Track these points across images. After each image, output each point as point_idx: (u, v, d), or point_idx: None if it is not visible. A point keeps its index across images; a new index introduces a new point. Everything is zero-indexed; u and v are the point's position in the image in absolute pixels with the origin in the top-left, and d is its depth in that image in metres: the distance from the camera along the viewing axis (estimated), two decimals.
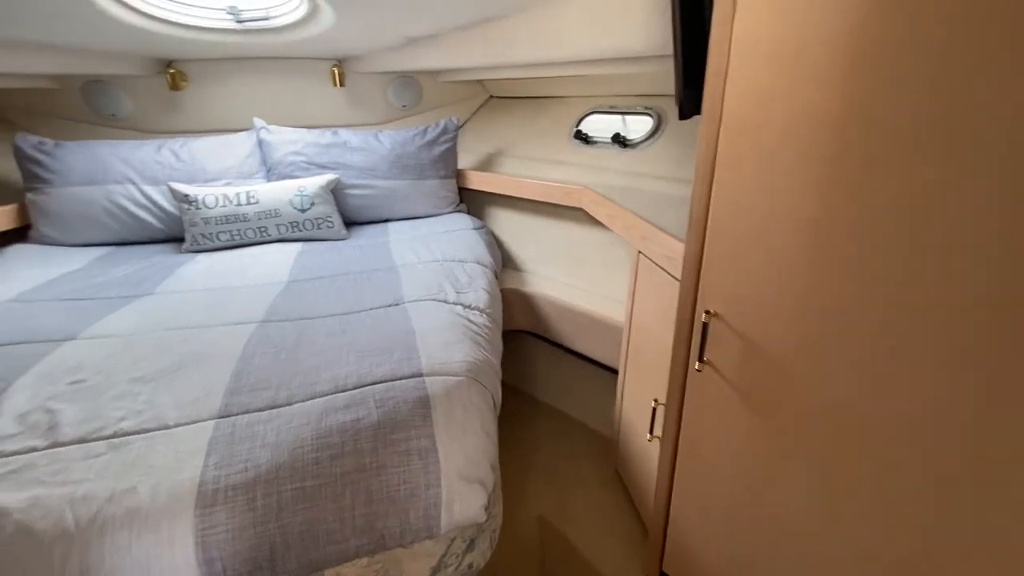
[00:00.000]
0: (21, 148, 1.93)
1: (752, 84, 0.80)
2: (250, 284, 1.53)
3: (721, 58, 0.84)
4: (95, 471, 0.78)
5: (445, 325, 1.19)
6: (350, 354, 1.05)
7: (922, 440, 0.70)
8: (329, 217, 2.00)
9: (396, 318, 1.23)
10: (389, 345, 1.08)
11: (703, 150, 0.90)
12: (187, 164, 2.03)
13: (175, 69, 2.21)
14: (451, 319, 1.23)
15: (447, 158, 2.25)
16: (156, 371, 1.00)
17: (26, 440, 0.83)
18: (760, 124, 0.79)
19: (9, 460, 0.80)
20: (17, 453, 0.81)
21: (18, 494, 0.74)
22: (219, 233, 1.89)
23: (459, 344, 1.10)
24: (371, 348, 1.07)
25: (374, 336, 1.13)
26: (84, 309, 1.33)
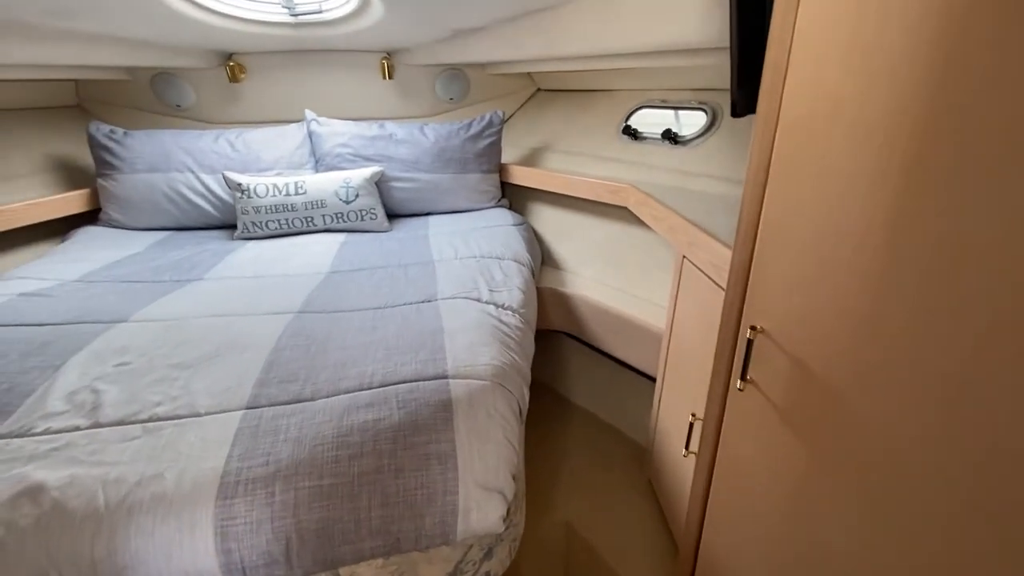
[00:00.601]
0: (94, 136, 2.04)
1: (817, 81, 0.72)
2: (293, 273, 1.56)
3: (781, 51, 0.76)
4: (128, 454, 0.80)
5: (474, 325, 1.16)
6: (378, 351, 1.04)
7: (997, 490, 0.61)
8: (373, 209, 2.02)
9: (427, 315, 1.21)
10: (417, 343, 1.07)
11: (757, 152, 0.83)
12: (242, 154, 2.09)
13: (235, 62, 2.28)
14: (481, 319, 1.20)
15: (491, 152, 2.22)
16: (195, 358, 1.03)
17: (71, 419, 0.87)
18: (824, 126, 0.71)
19: (54, 438, 0.83)
20: (62, 431, 0.85)
21: (58, 472, 0.76)
22: (268, 221, 1.94)
23: (487, 346, 1.07)
24: (399, 346, 1.06)
25: (403, 333, 1.11)
26: (138, 292, 1.39)
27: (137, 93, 2.38)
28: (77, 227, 2.03)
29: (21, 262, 1.83)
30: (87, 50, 1.90)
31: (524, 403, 1.06)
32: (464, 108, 2.57)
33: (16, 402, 0.90)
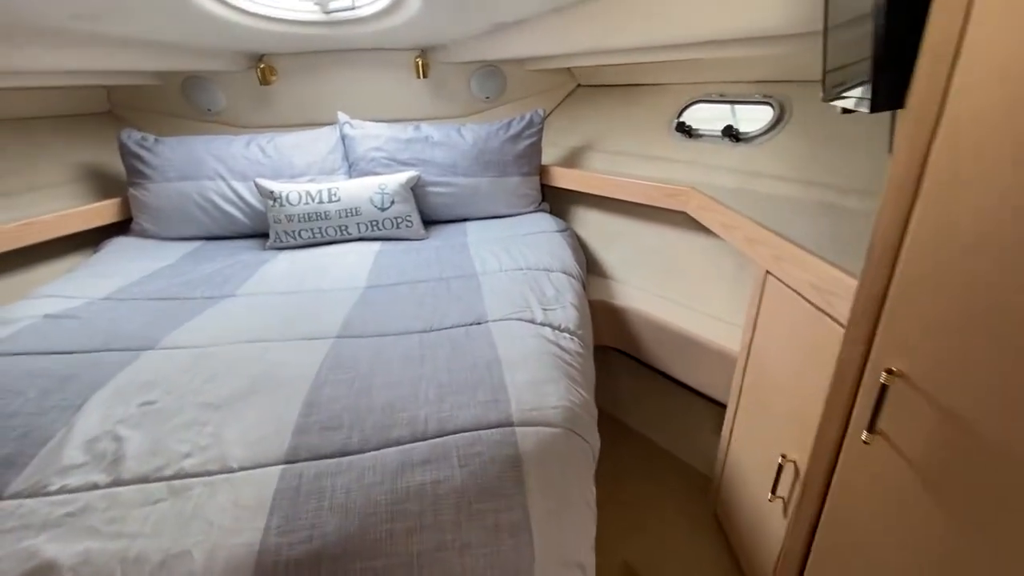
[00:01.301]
0: (125, 143, 1.96)
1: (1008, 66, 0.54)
2: (328, 288, 1.44)
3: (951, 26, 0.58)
4: (151, 524, 0.68)
5: (534, 354, 1.02)
6: (429, 388, 0.91)
7: None
8: (408, 216, 1.89)
9: (479, 342, 1.07)
10: (472, 379, 0.93)
11: (904, 159, 0.65)
12: (273, 160, 1.98)
13: (265, 64, 2.17)
14: (540, 346, 1.06)
15: (531, 153, 2.07)
16: (226, 396, 0.91)
17: (90, 474, 0.75)
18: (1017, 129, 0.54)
19: (71, 499, 0.72)
20: (79, 490, 0.73)
21: (72, 546, 0.65)
22: (301, 231, 1.82)
23: (552, 383, 0.93)
24: (452, 382, 0.92)
25: (455, 365, 0.97)
26: (168, 311, 1.29)
27: (168, 98, 2.29)
28: (109, 237, 1.95)
29: (53, 275, 1.75)
30: (116, 54, 1.81)
31: (597, 450, 0.91)
32: (500, 107, 2.42)
33: (31, 451, 0.79)
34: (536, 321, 1.18)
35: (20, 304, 1.33)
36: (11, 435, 0.82)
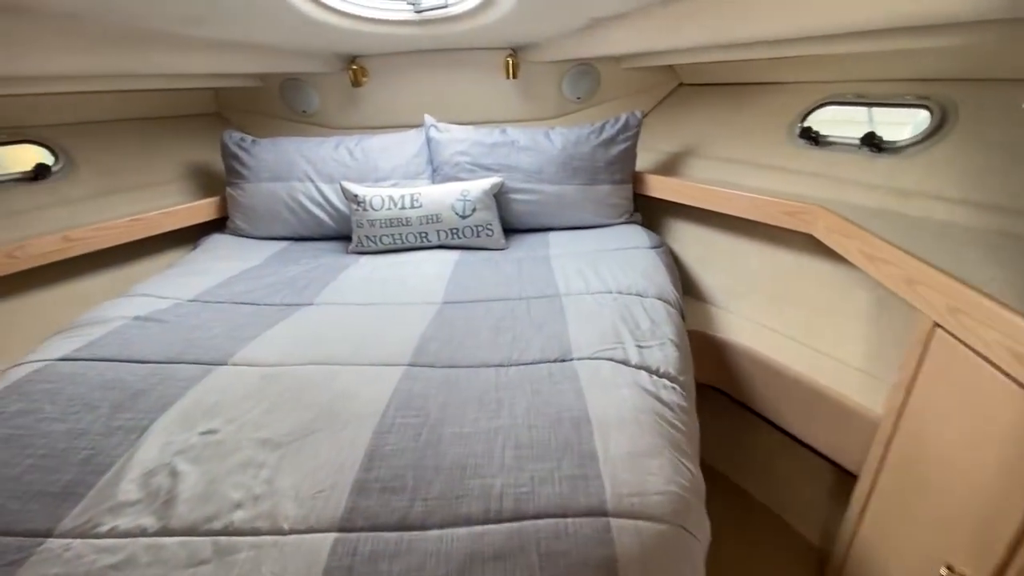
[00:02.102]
0: (226, 144, 1.99)
1: None
2: (405, 302, 1.34)
3: None
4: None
5: (630, 411, 0.84)
6: (506, 447, 0.76)
7: None
8: (489, 225, 1.76)
9: (564, 387, 0.91)
10: (557, 441, 0.77)
11: None
12: (360, 162, 1.93)
13: (357, 65, 2.13)
14: (637, 399, 0.87)
15: (625, 159, 1.87)
16: (287, 432, 0.82)
17: (140, 516, 0.69)
18: None
19: (116, 545, 0.65)
20: (127, 535, 0.66)
21: None
22: (382, 236, 1.75)
23: (655, 455, 0.75)
24: (533, 442, 0.77)
25: (537, 419, 0.82)
26: (247, 319, 1.24)
27: (269, 100, 2.32)
28: (208, 233, 2.00)
29: (156, 268, 1.81)
30: (222, 58, 1.83)
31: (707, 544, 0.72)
32: (592, 108, 2.22)
33: (91, 480, 0.74)
34: (630, 363, 1.00)
35: (118, 302, 1.35)
36: (75, 458, 0.78)
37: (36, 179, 1.71)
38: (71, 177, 1.79)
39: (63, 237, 1.59)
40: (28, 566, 0.62)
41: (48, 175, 1.73)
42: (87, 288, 1.71)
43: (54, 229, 1.62)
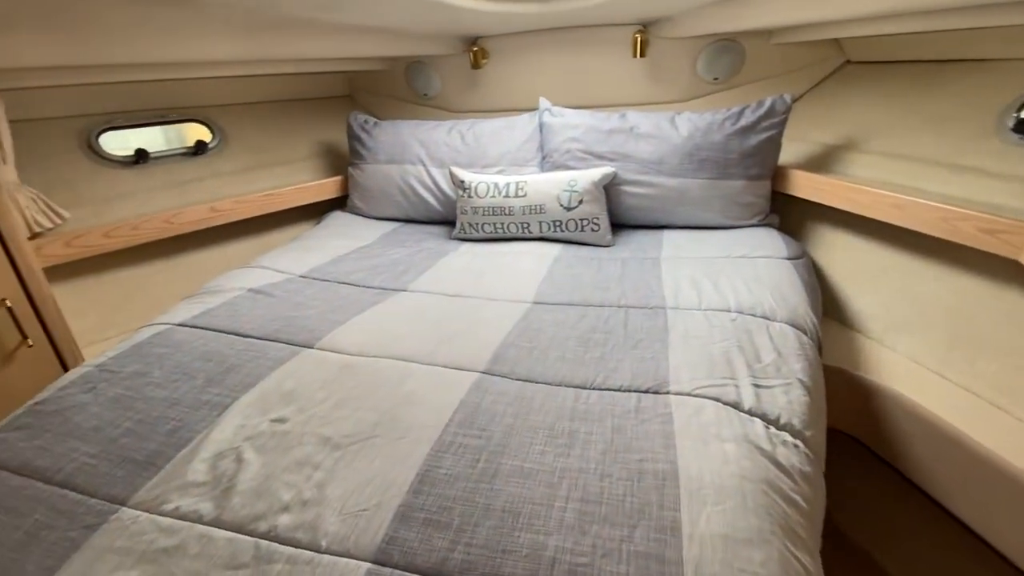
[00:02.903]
0: (352, 125, 2.06)
1: None
2: (495, 298, 1.25)
3: None
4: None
5: (733, 476, 0.66)
6: (570, 498, 0.64)
7: None
8: (596, 219, 1.60)
9: (652, 429, 0.76)
10: (633, 503, 0.63)
11: None
12: (470, 147, 1.88)
13: (479, 47, 2.06)
14: (745, 461, 0.69)
15: (766, 151, 1.58)
16: (347, 433, 0.78)
17: (201, 501, 0.69)
18: None
19: (174, 527, 0.66)
20: (186, 517, 0.67)
21: None
22: (484, 224, 1.69)
23: (759, 546, 0.57)
24: (603, 497, 0.64)
25: (613, 468, 0.68)
26: (344, 300, 1.25)
27: (395, 83, 2.37)
28: (332, 210, 2.11)
29: (283, 240, 1.94)
30: (354, 42, 1.88)
31: None
32: (730, 90, 1.92)
33: (169, 454, 0.77)
34: (743, 407, 0.81)
35: (240, 273, 1.44)
36: (164, 428, 0.81)
37: (196, 154, 1.91)
38: (224, 153, 1.98)
39: (210, 208, 1.76)
40: (100, 533, 0.65)
41: (206, 150, 1.93)
42: (227, 254, 1.89)
43: (205, 199, 1.81)
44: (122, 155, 1.73)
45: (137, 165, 1.75)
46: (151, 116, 1.84)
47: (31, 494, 0.71)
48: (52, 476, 0.74)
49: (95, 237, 1.49)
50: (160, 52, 1.47)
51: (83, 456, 0.77)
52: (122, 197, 1.67)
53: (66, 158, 1.61)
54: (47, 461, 0.76)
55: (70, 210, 1.50)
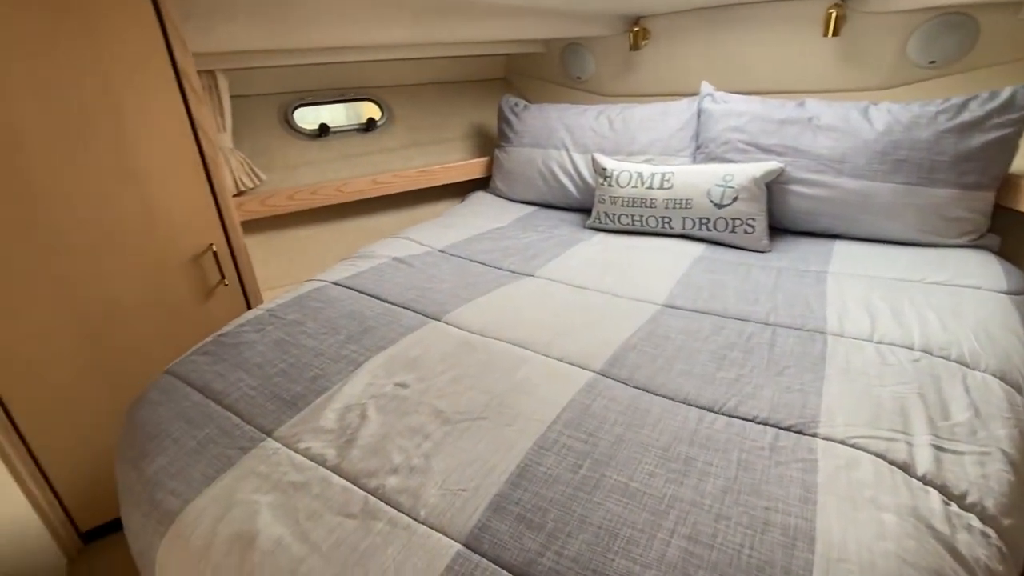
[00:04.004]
0: (502, 108, 2.11)
1: None
2: (622, 295, 1.19)
3: None
4: (331, 542, 0.61)
5: (889, 559, 0.53)
6: (676, 533, 0.57)
7: None
8: (751, 219, 1.42)
9: (789, 474, 0.64)
10: (752, 554, 0.54)
11: None
12: (618, 134, 1.79)
13: (640, 27, 1.95)
14: (908, 540, 0.55)
15: (992, 155, 1.25)
16: (459, 410, 0.80)
17: (327, 447, 0.76)
18: None
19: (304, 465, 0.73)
20: (314, 459, 0.74)
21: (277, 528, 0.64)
22: (622, 215, 1.61)
23: None
24: (716, 541, 0.56)
25: (733, 508, 0.60)
26: (475, 278, 1.29)
27: (550, 65, 2.36)
28: (476, 190, 2.19)
29: (429, 215, 2.07)
30: (515, 24, 1.90)
31: None
32: (947, 77, 1.55)
33: (311, 398, 0.86)
34: (914, 471, 0.65)
35: (387, 242, 1.57)
36: (308, 374, 0.91)
37: (367, 130, 2.11)
38: (389, 130, 2.15)
39: (372, 180, 1.93)
40: (249, 456, 0.75)
41: (375, 127, 2.12)
42: (380, 223, 2.07)
43: (369, 172, 1.99)
44: (309, 128, 1.98)
45: (320, 138, 1.99)
46: (334, 95, 2.06)
47: (206, 411, 0.85)
48: (222, 399, 0.87)
49: (281, 199, 1.73)
50: (344, 37, 1.64)
51: (246, 387, 0.90)
52: (305, 165, 1.92)
53: (267, 129, 1.89)
54: (221, 385, 0.90)
55: (266, 174, 1.75)
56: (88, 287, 1.21)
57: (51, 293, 1.17)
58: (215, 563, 0.62)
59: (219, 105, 1.60)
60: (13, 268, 1.11)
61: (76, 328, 1.22)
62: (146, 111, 1.20)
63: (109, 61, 1.12)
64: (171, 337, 1.34)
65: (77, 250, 1.18)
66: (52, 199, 1.13)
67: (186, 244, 1.33)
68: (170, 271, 1.32)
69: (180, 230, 1.31)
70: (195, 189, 1.31)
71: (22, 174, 1.09)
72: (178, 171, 1.27)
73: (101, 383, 1.28)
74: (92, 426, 1.28)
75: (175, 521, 0.68)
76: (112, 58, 1.13)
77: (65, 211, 1.15)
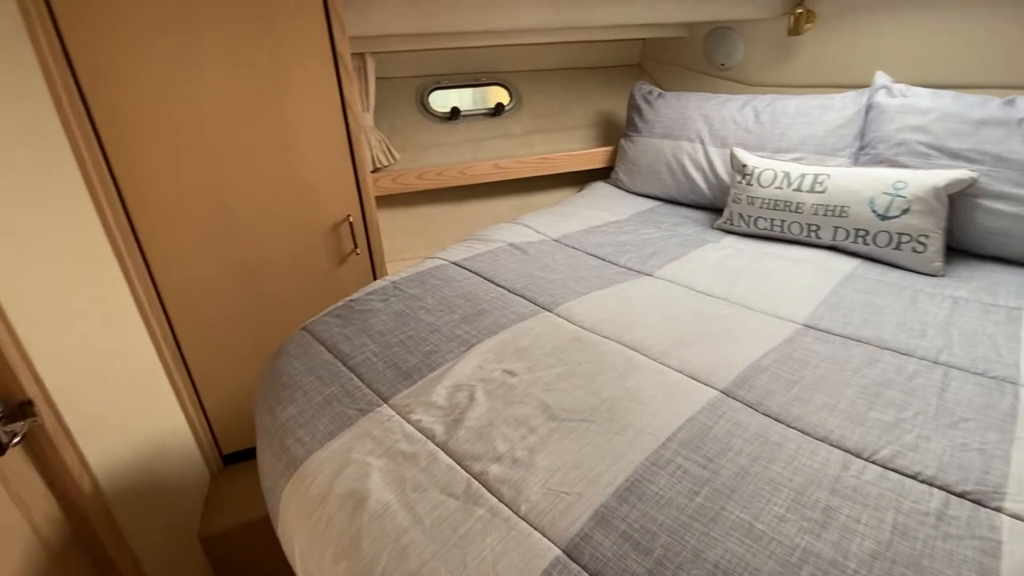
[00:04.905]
0: (634, 95, 2.01)
1: None
2: (751, 307, 1.07)
3: None
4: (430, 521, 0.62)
5: None
6: None
7: None
8: (923, 236, 1.21)
9: (960, 555, 0.53)
10: None
11: None
12: (764, 127, 1.62)
13: (804, 8, 1.73)
14: None
15: None
16: (566, 408, 0.77)
17: (435, 423, 0.78)
18: None
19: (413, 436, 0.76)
20: (423, 432, 0.77)
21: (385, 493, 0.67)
22: (759, 218, 1.45)
23: None
24: None
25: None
26: (585, 274, 1.24)
27: (690, 51, 2.20)
28: (595, 180, 2.13)
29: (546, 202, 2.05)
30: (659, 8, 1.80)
31: None
32: None
33: (424, 372, 0.89)
34: None
35: (504, 227, 1.58)
36: (424, 348, 0.94)
37: (495, 115, 2.13)
38: (516, 116, 2.16)
39: (495, 164, 1.96)
40: (366, 418, 0.80)
41: (502, 112, 2.14)
42: (498, 207, 2.10)
43: (492, 157, 2.02)
44: (441, 111, 2.05)
45: (450, 121, 2.05)
46: (467, 79, 2.11)
47: (333, 370, 0.92)
48: (347, 360, 0.94)
49: (410, 178, 1.82)
50: (487, 21, 1.65)
51: (369, 352, 0.95)
52: (435, 147, 1.99)
53: (404, 111, 1.99)
54: (347, 348, 0.97)
55: (399, 153, 1.85)
56: (247, 244, 1.37)
57: (219, 246, 1.34)
58: (329, 515, 0.67)
59: (365, 86, 1.71)
60: (192, 223, 1.29)
61: (235, 278, 1.39)
62: (306, 90, 1.31)
63: (279, 41, 1.24)
64: (307, 295, 1.48)
65: (241, 212, 1.34)
66: (226, 166, 1.28)
67: (328, 213, 1.44)
68: (313, 237, 1.45)
69: (325, 200, 1.43)
70: (340, 164, 1.42)
71: (208, 142, 1.25)
72: (327, 146, 1.38)
73: (249, 327, 1.45)
74: (239, 363, 1.46)
75: (299, 468, 0.74)
76: (282, 38, 1.24)
77: (235, 177, 1.30)
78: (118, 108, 1.14)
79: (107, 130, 1.15)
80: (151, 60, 1.14)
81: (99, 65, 1.10)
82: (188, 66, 1.17)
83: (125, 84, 1.13)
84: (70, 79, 1.08)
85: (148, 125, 1.18)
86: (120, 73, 1.12)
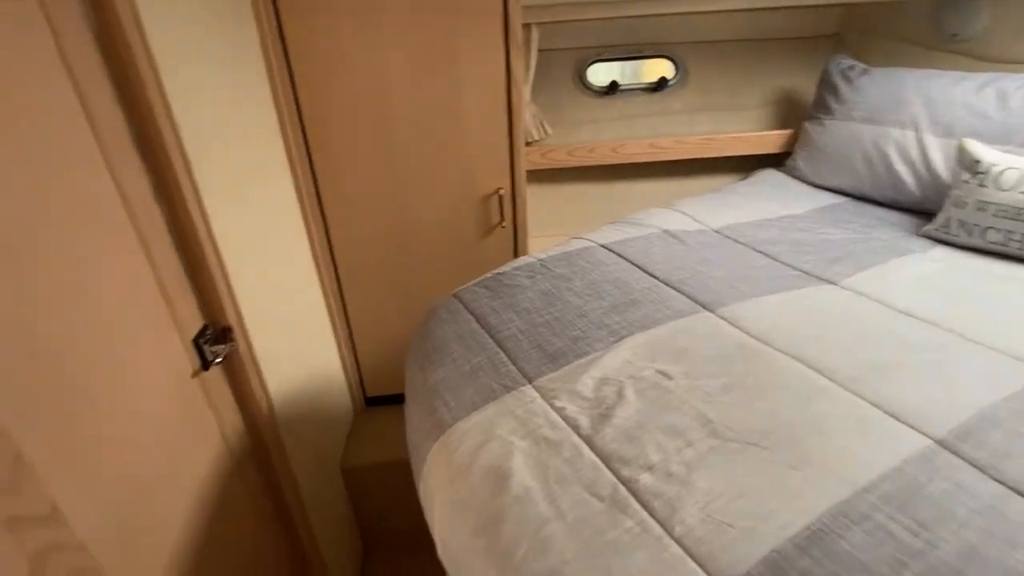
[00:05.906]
0: (828, 72, 1.73)
1: None
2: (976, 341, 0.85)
3: None
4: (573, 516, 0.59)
5: None
6: None
7: None
8: None
9: None
10: None
11: None
12: (1009, 115, 1.28)
13: None
14: None
15: None
16: (730, 427, 0.68)
17: (581, 415, 0.74)
18: None
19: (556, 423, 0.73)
20: (568, 421, 0.74)
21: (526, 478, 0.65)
22: (989, 228, 1.16)
23: None
24: None
25: None
26: (752, 273, 1.10)
27: (908, 19, 1.81)
28: (764, 166, 1.89)
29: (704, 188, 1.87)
30: None
31: None
32: None
33: (571, 358, 0.85)
34: None
35: (657, 212, 1.46)
36: (571, 333, 0.91)
37: (656, 90, 1.98)
38: (679, 91, 1.99)
39: (650, 144, 1.83)
40: (510, 396, 0.79)
41: (664, 87, 1.98)
42: (651, 190, 1.97)
43: (646, 135, 1.89)
44: (598, 85, 1.95)
45: (606, 96, 1.95)
46: (630, 51, 1.98)
47: (480, 341, 0.93)
48: (494, 334, 0.94)
49: (561, 154, 1.78)
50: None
51: (514, 328, 0.94)
52: (587, 123, 1.92)
53: (560, 84, 1.93)
54: (494, 321, 0.97)
55: (552, 128, 1.81)
56: (407, 207, 1.45)
57: (384, 207, 1.44)
58: (471, 485, 0.67)
59: (527, 58, 1.68)
60: (365, 184, 1.40)
61: (394, 238, 1.48)
62: (475, 60, 1.32)
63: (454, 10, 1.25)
64: (450, 261, 1.54)
65: (407, 178, 1.41)
66: (400, 130, 1.36)
67: (481, 184, 1.47)
68: (464, 206, 1.49)
69: (480, 171, 1.45)
70: (498, 135, 1.42)
71: (387, 106, 1.33)
72: (489, 118, 1.39)
73: (399, 283, 1.55)
74: (388, 315, 1.58)
75: (445, 432, 0.76)
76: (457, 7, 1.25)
77: (407, 140, 1.37)
78: (314, 81, 1.26)
79: (305, 98, 1.27)
80: (343, 35, 1.23)
81: (303, 39, 1.22)
82: (372, 34, 1.24)
83: (323, 57, 1.24)
84: (281, 53, 1.21)
85: (337, 95, 1.29)
86: (318, 47, 1.23)
